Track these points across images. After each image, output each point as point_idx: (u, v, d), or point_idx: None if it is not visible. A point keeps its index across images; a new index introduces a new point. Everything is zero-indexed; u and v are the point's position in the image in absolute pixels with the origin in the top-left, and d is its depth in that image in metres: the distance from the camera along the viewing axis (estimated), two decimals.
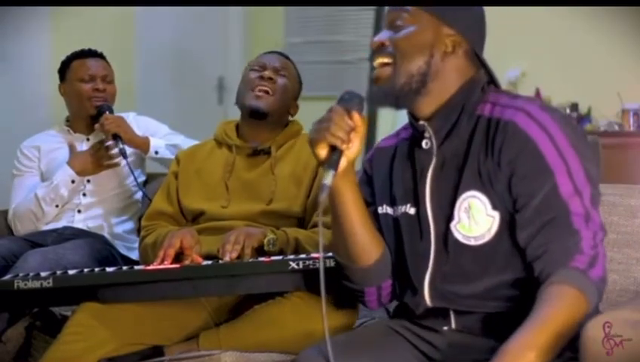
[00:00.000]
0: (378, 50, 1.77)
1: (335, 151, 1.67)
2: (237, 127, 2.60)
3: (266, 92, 2.52)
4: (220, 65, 4.69)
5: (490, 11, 1.83)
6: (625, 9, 3.79)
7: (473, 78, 1.76)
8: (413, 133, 1.81)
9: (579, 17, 4.11)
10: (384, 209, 1.85)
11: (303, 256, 2.14)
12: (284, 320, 2.15)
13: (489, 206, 1.67)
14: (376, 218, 1.85)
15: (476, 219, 1.68)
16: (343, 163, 1.68)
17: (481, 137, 1.70)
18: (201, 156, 2.60)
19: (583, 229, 1.60)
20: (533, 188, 1.63)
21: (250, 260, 2.20)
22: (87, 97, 3.03)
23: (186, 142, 3.05)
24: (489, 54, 1.80)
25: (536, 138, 1.64)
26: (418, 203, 1.77)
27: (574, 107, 4.46)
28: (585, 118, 4.44)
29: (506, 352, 1.50)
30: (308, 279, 2.07)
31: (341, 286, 1.94)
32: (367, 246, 1.80)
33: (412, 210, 1.78)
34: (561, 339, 1.53)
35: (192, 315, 2.29)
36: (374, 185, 1.88)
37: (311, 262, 2.06)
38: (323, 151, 1.68)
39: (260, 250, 2.27)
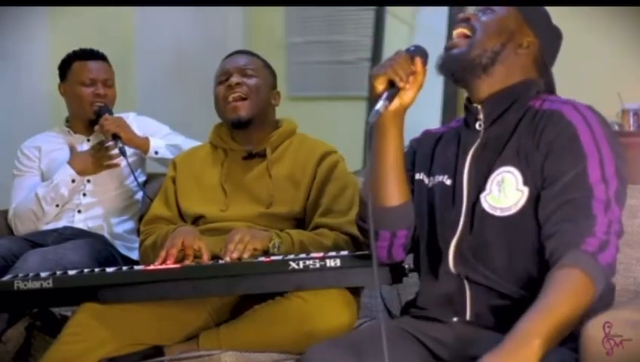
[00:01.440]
0: (462, 20, 1.87)
1: (393, 87, 1.74)
2: (229, 132, 2.59)
3: (240, 98, 2.50)
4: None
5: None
6: (625, 9, 3.79)
7: (533, 80, 1.86)
8: (465, 118, 1.90)
9: (579, 17, 4.11)
10: (421, 176, 1.94)
11: (302, 255, 2.15)
12: (284, 320, 2.15)
13: (520, 181, 1.74)
14: (412, 182, 1.92)
15: (506, 192, 1.75)
16: (396, 103, 1.76)
17: (527, 124, 1.79)
18: (197, 160, 2.59)
19: (600, 215, 1.65)
20: (565, 167, 1.70)
21: (251, 260, 2.20)
22: (87, 102, 3.04)
23: (186, 143, 3.05)
24: None
25: (576, 125, 1.73)
26: (455, 175, 1.85)
27: None
28: None
29: (510, 339, 1.52)
30: (308, 279, 2.08)
31: (343, 286, 1.94)
32: (394, 189, 1.85)
33: (448, 181, 1.86)
34: (566, 326, 1.55)
35: (192, 315, 2.29)
36: (416, 157, 1.97)
37: (311, 261, 2.06)
38: (381, 86, 1.75)
39: (263, 253, 2.27)
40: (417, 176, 1.95)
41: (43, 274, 2.24)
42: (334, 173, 2.44)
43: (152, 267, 2.22)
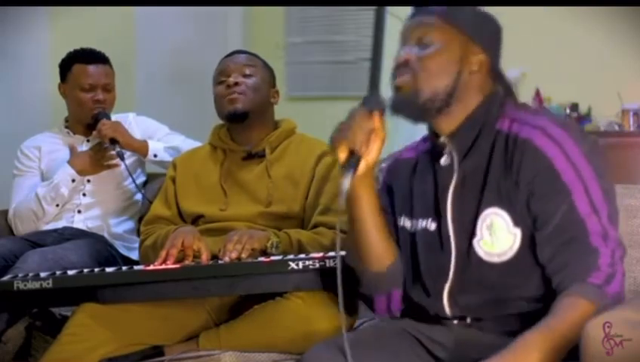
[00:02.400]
0: (402, 66, 1.75)
1: (354, 155, 1.67)
2: (230, 130, 2.59)
3: (239, 93, 2.50)
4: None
5: (490, 11, 1.83)
6: (625, 9, 3.79)
7: (492, 94, 1.76)
8: (433, 148, 1.81)
9: (579, 17, 4.11)
10: (402, 221, 1.85)
11: (302, 256, 2.14)
12: (284, 320, 2.15)
13: (511, 223, 1.68)
14: (395, 227, 1.85)
15: (498, 235, 1.68)
16: (362, 167, 1.68)
17: (500, 154, 1.70)
18: (197, 160, 2.60)
19: (601, 247, 1.62)
20: (551, 208, 1.64)
21: (250, 260, 2.20)
22: (86, 107, 3.04)
23: (185, 143, 3.05)
24: None
25: (552, 157, 1.65)
26: (439, 218, 1.76)
27: (574, 107, 4.45)
28: (585, 118, 4.44)
29: (510, 350, 1.52)
30: (307, 279, 2.08)
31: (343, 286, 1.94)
32: (381, 252, 1.80)
33: (432, 226, 1.78)
34: (567, 347, 1.55)
35: (192, 315, 2.29)
36: (394, 195, 1.88)
37: (310, 262, 2.06)
38: (343, 155, 1.67)
39: (262, 253, 2.27)
40: (400, 223, 1.85)
41: (43, 274, 2.24)
42: (333, 172, 2.44)
43: (151, 267, 2.22)
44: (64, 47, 3.18)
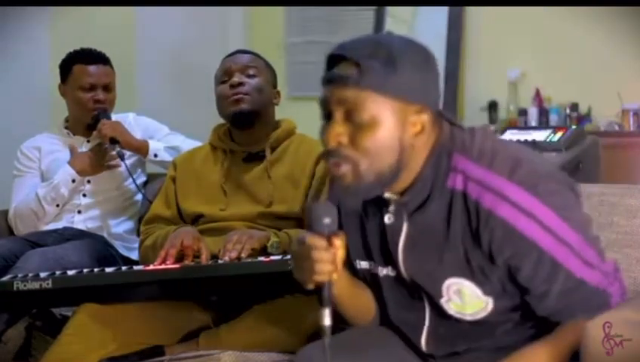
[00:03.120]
0: (334, 151, 1.55)
1: (325, 284, 1.53)
2: (230, 130, 2.59)
3: (243, 94, 2.50)
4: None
5: (490, 12, 1.81)
6: (625, 9, 3.79)
7: (437, 144, 1.59)
8: (378, 202, 1.65)
9: (579, 17, 4.11)
10: (360, 264, 1.73)
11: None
12: (284, 320, 2.15)
13: (480, 292, 1.60)
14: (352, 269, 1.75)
15: (468, 301, 1.61)
16: (335, 279, 1.55)
17: (460, 219, 1.56)
18: (197, 160, 2.59)
19: (609, 286, 1.60)
20: (547, 284, 1.57)
21: (250, 260, 2.20)
22: (87, 107, 3.04)
23: (185, 143, 3.05)
24: (489, 55, 1.77)
25: (529, 233, 1.52)
26: (397, 268, 1.67)
27: (574, 107, 4.46)
28: (585, 118, 4.44)
29: (517, 358, 1.54)
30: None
31: None
32: (363, 314, 1.77)
33: (393, 273, 1.69)
34: (570, 352, 1.55)
35: (192, 315, 2.29)
36: (345, 231, 1.63)
37: None
38: (312, 286, 1.56)
39: (262, 253, 2.27)
40: (359, 266, 1.73)
41: (42, 275, 2.24)
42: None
43: (151, 267, 2.22)
44: (64, 47, 3.18)
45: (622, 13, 3.86)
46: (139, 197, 3.12)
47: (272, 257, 2.18)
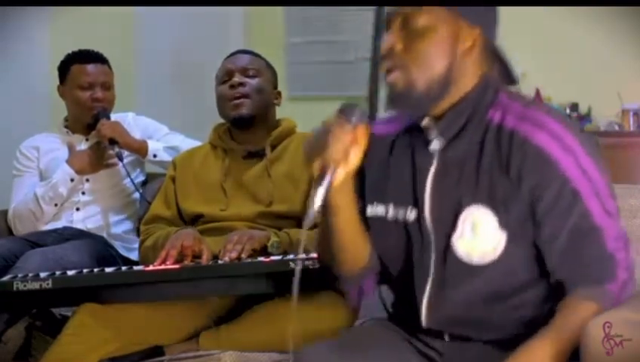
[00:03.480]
0: (388, 56, 1.61)
1: (329, 169, 1.56)
2: (230, 129, 2.59)
3: (243, 96, 2.50)
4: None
5: None
6: (625, 9, 3.79)
7: (487, 77, 1.64)
8: (415, 127, 1.67)
9: (579, 17, 4.11)
10: (375, 209, 1.72)
11: (303, 256, 2.14)
12: (284, 320, 2.15)
13: (496, 224, 1.56)
14: (362, 213, 1.73)
15: (481, 235, 1.57)
16: (340, 176, 1.57)
17: (492, 148, 1.58)
18: (197, 160, 2.60)
19: (618, 252, 1.56)
20: (565, 217, 1.54)
21: (250, 260, 2.20)
22: (86, 106, 3.04)
23: (185, 143, 3.05)
24: None
25: (562, 162, 1.54)
26: (417, 206, 1.65)
27: (574, 107, 4.45)
28: (585, 118, 4.43)
29: (517, 357, 1.51)
30: (307, 279, 2.07)
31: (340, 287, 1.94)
32: (355, 257, 1.73)
33: (412, 214, 1.66)
34: (574, 347, 1.53)
35: (192, 315, 2.29)
36: (366, 176, 1.72)
37: (310, 262, 2.06)
38: (317, 171, 1.57)
39: (262, 253, 2.27)
40: (370, 210, 1.72)
41: (42, 275, 2.24)
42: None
43: (151, 267, 2.22)
44: (64, 48, 3.18)
45: (622, 13, 3.85)
46: (137, 195, 3.12)
47: (273, 257, 2.18)
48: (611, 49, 4.14)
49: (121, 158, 2.96)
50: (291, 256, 2.15)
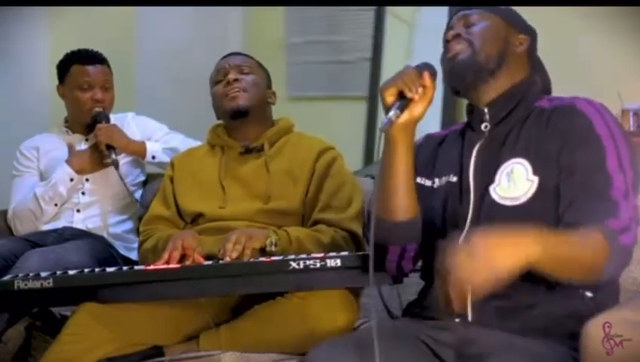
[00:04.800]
0: (453, 40, 1.88)
1: (402, 99, 1.73)
2: (227, 127, 2.60)
3: (239, 90, 2.52)
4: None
5: None
6: (625, 9, 3.79)
7: (532, 77, 1.89)
8: (469, 121, 1.90)
9: (579, 17, 4.11)
10: (422, 180, 1.92)
11: (303, 255, 2.14)
12: (284, 321, 2.15)
13: (530, 171, 1.74)
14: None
15: (516, 182, 1.74)
16: (406, 116, 1.75)
17: (535, 118, 1.80)
18: (195, 159, 2.60)
19: (621, 201, 1.65)
20: (582, 157, 1.70)
21: (250, 260, 2.20)
22: (85, 107, 3.04)
23: (184, 143, 3.05)
24: None
25: (591, 117, 1.74)
26: (461, 171, 1.85)
27: None
28: None
29: (515, 233, 1.52)
30: (308, 279, 2.07)
31: (343, 287, 1.94)
32: (404, 203, 1.83)
33: (454, 178, 1.86)
34: (565, 261, 1.56)
35: (192, 315, 2.29)
36: (417, 162, 1.91)
37: (311, 261, 2.06)
38: (391, 97, 1.74)
39: (262, 251, 2.27)
40: (418, 180, 1.92)
41: (43, 274, 2.24)
42: (332, 169, 2.45)
43: (152, 267, 2.22)
44: (64, 48, 3.18)
45: (622, 13, 3.86)
46: (138, 195, 3.12)
47: (273, 258, 2.18)
48: (611, 49, 4.15)
49: (117, 166, 2.96)
50: (292, 256, 2.15)
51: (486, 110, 1.86)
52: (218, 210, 2.47)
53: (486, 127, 1.85)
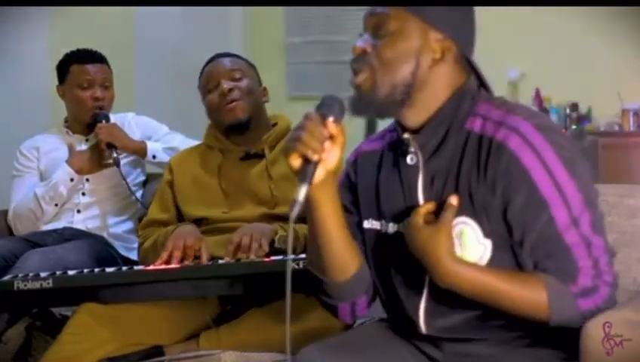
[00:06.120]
0: (359, 58, 1.67)
1: (309, 162, 1.55)
2: (225, 131, 2.58)
3: (235, 100, 2.47)
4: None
5: (490, 12, 1.80)
6: (625, 9, 3.79)
7: (463, 87, 1.64)
8: (399, 143, 1.70)
9: (579, 17, 4.11)
10: (370, 223, 1.74)
11: (303, 256, 2.14)
12: (284, 320, 2.14)
13: (480, 234, 1.58)
14: (359, 229, 1.75)
15: (467, 247, 1.58)
16: (320, 174, 1.57)
17: (471, 157, 1.60)
18: (193, 162, 2.57)
19: (581, 259, 1.54)
20: (528, 222, 1.55)
21: (250, 260, 2.19)
22: (86, 106, 3.04)
23: (184, 143, 3.04)
24: (489, 55, 1.76)
25: (530, 167, 1.55)
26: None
27: (574, 107, 4.46)
28: (585, 118, 4.44)
29: (437, 262, 1.54)
30: (307, 279, 2.07)
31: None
32: (344, 261, 1.69)
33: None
34: (488, 298, 1.55)
35: (192, 315, 2.29)
36: (358, 193, 1.77)
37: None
38: (296, 162, 1.56)
39: (270, 247, 2.26)
40: (366, 225, 1.74)
41: (43, 274, 2.24)
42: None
43: (151, 267, 2.22)
44: (64, 47, 3.18)
45: (622, 13, 3.86)
46: (138, 195, 3.12)
47: (273, 257, 2.18)
48: (611, 49, 4.15)
49: (118, 164, 2.95)
50: (291, 256, 2.14)
51: (411, 139, 1.65)
52: (221, 215, 2.45)
53: (412, 159, 1.65)
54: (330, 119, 1.57)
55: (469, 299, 1.58)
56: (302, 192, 1.54)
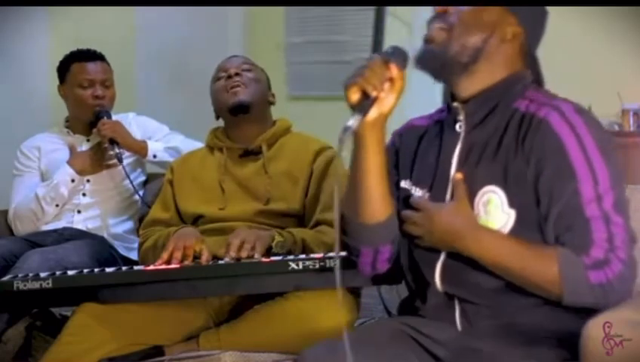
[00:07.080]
0: (440, 16, 1.73)
1: (367, 98, 1.63)
2: (226, 130, 2.60)
3: (240, 85, 2.52)
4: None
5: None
6: (625, 9, 3.79)
7: (519, 73, 1.74)
8: (447, 116, 1.79)
9: (579, 17, 4.11)
10: (406, 183, 1.82)
11: (302, 256, 2.15)
12: (284, 320, 2.15)
13: (506, 203, 1.65)
14: (396, 188, 1.81)
15: (492, 214, 1.66)
16: (374, 113, 1.64)
17: (513, 131, 1.68)
18: (194, 162, 2.60)
19: (597, 232, 1.58)
20: (555, 192, 1.61)
21: (250, 261, 2.19)
22: (87, 104, 3.04)
23: (185, 143, 3.05)
24: None
25: (565, 140, 1.63)
26: (439, 188, 1.75)
27: None
28: None
29: (460, 230, 1.63)
30: (307, 279, 2.08)
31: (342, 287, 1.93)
32: (376, 204, 1.74)
33: (427, 195, 1.76)
34: (515, 276, 1.61)
35: (192, 315, 2.29)
36: (399, 158, 1.85)
37: (310, 262, 2.07)
38: (355, 96, 1.63)
39: (267, 252, 2.27)
40: (403, 184, 1.82)
41: (42, 275, 2.24)
42: (331, 169, 2.45)
43: (151, 267, 2.22)
44: (64, 48, 3.19)
45: (622, 13, 3.86)
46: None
47: (273, 258, 2.19)
48: (611, 49, 4.14)
49: (120, 160, 2.96)
50: (291, 257, 2.15)
51: (460, 108, 1.74)
52: (218, 211, 2.47)
53: (460, 127, 1.74)
54: (393, 63, 1.65)
55: (482, 268, 1.65)
56: (354, 120, 1.60)
